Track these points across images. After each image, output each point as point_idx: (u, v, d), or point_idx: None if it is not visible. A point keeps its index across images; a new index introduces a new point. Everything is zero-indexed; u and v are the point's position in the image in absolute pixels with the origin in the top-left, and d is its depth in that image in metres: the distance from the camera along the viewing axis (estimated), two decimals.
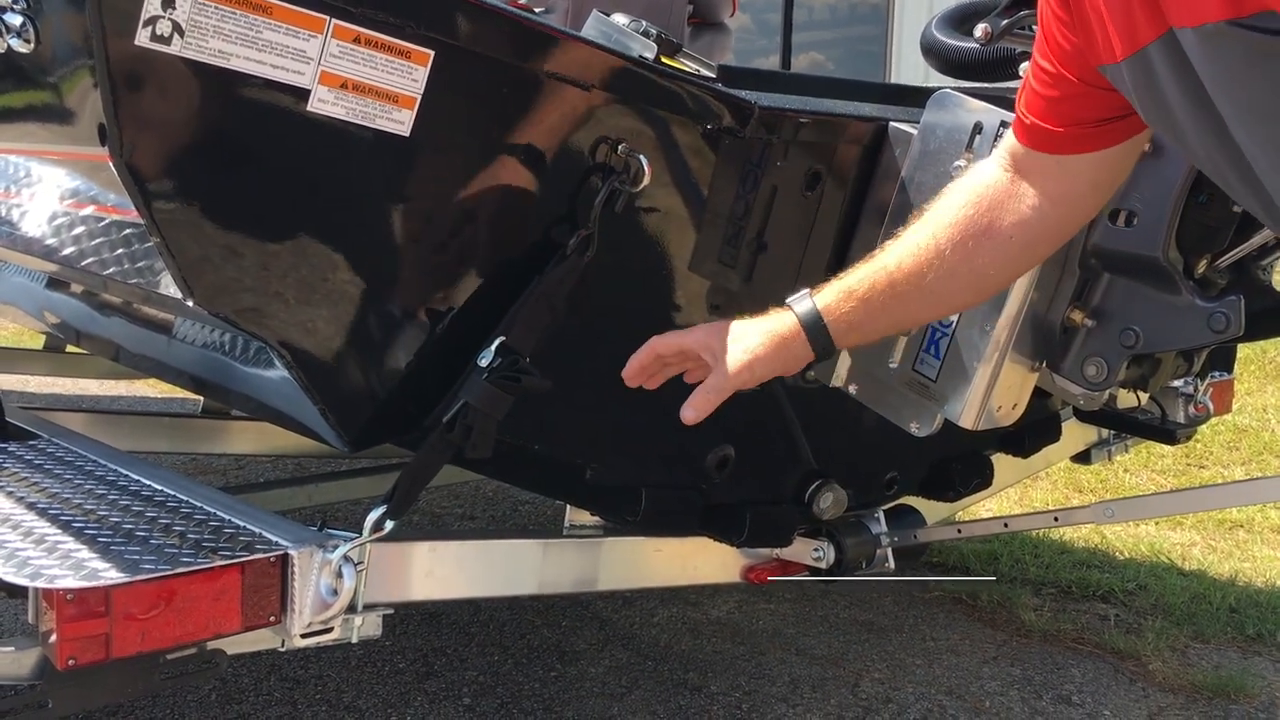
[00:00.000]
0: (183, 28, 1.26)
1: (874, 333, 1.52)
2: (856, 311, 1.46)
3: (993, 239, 1.38)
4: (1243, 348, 4.76)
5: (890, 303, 1.45)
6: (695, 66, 1.81)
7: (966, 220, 1.40)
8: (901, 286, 1.43)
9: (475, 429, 1.56)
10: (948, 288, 1.43)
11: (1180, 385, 2.52)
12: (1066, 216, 1.40)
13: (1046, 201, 1.36)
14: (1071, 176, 1.34)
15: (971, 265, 1.40)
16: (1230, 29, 1.03)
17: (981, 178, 1.42)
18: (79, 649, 1.39)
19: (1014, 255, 1.41)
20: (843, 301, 1.46)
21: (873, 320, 1.48)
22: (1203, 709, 2.78)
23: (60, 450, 2.05)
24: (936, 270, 1.41)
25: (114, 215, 1.62)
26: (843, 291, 1.47)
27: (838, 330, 1.47)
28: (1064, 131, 1.31)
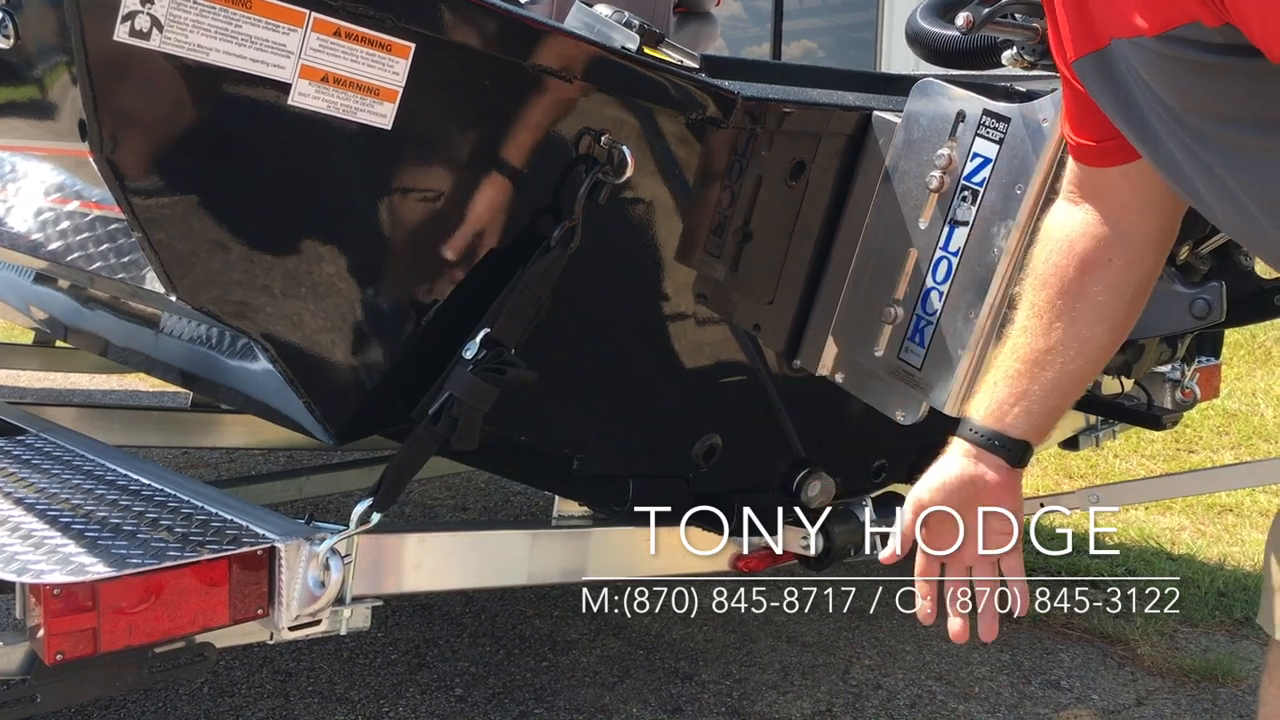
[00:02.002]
0: (162, 22, 1.26)
1: (1056, 413, 1.40)
2: (1026, 406, 1.37)
3: (1097, 273, 1.32)
4: (1232, 332, 4.78)
5: (1049, 380, 1.36)
6: (678, 57, 1.81)
7: (1068, 267, 1.33)
8: (1047, 361, 1.35)
9: (461, 421, 1.56)
10: (1091, 336, 1.34)
11: (1167, 371, 2.54)
12: (1149, 220, 1.32)
13: (1120, 216, 1.30)
14: (1129, 184, 1.29)
15: (1098, 305, 1.33)
16: (1160, 44, 1.05)
17: (1059, 219, 1.36)
18: (67, 644, 1.40)
19: (1126, 276, 1.33)
20: (1005, 410, 1.38)
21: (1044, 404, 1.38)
22: (1190, 692, 2.80)
23: (48, 445, 2.06)
24: (1072, 328, 1.34)
25: (98, 211, 1.62)
26: (996, 403, 1.38)
27: (1028, 436, 1.38)
28: (1096, 145, 1.29)
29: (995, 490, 1.38)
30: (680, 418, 2.00)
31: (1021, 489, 1.42)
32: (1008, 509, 1.39)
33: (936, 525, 1.40)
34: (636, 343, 1.91)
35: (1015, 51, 1.91)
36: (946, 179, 1.76)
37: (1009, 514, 1.39)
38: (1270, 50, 0.98)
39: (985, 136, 1.73)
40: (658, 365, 1.94)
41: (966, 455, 1.38)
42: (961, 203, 1.75)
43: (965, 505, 1.39)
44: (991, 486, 1.38)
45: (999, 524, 1.39)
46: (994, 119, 1.73)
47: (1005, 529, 1.39)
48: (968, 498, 1.39)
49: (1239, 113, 1.08)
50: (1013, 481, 1.39)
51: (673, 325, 1.91)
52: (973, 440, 1.38)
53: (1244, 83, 1.04)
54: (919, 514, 1.40)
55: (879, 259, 1.86)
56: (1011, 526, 1.39)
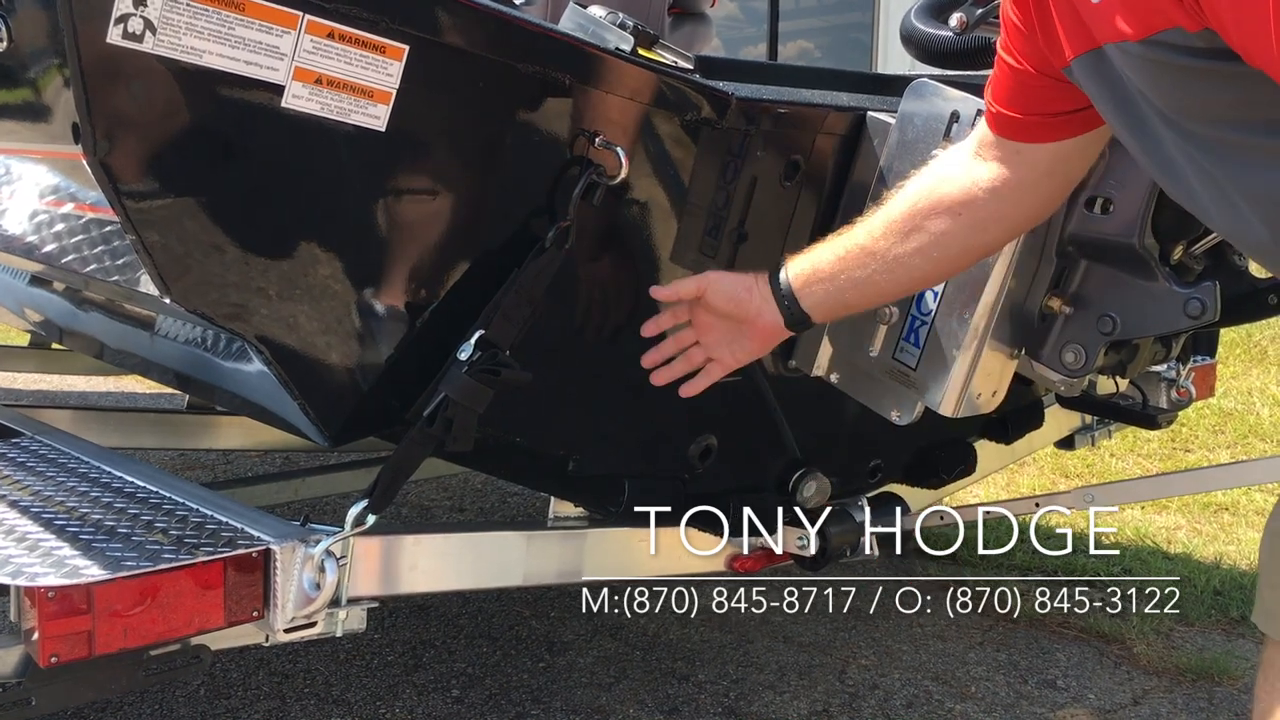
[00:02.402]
0: (155, 25, 1.26)
1: (845, 307, 1.64)
2: (837, 299, 1.59)
3: (943, 215, 1.46)
4: (1227, 331, 4.79)
5: (858, 278, 1.54)
6: (673, 58, 1.81)
7: (923, 196, 1.48)
8: (867, 261, 1.53)
9: (456, 422, 1.56)
10: (907, 263, 1.50)
11: (1162, 370, 2.53)
12: (1019, 203, 1.44)
13: (1000, 185, 1.41)
14: (1028, 165, 1.39)
15: (926, 241, 1.48)
16: (1144, 49, 1.06)
17: (945, 159, 1.50)
18: (62, 646, 1.40)
19: (964, 234, 1.47)
20: (813, 280, 1.59)
21: (850, 304, 1.61)
22: (1186, 691, 2.80)
23: (42, 448, 2.05)
24: (897, 245, 1.50)
25: (93, 213, 1.62)
26: (824, 279, 1.58)
27: (811, 308, 1.61)
28: (1024, 119, 1.35)
29: (759, 330, 1.66)
30: (676, 418, 2.00)
31: (775, 343, 1.71)
32: (755, 349, 1.70)
33: (705, 305, 1.69)
34: (631, 343, 1.91)
35: None
36: None
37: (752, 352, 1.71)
38: (1247, 53, 1.00)
39: None
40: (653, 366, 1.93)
41: (764, 297, 1.64)
42: None
43: (732, 316, 1.67)
44: (758, 325, 1.65)
45: (738, 350, 1.70)
46: None
47: (738, 357, 1.71)
48: (737, 315, 1.66)
49: (1224, 115, 1.09)
50: (776, 335, 1.66)
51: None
52: (773, 286, 1.63)
53: (1227, 86, 1.06)
54: (701, 291, 1.68)
55: None
56: (744, 360, 1.72)
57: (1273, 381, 5.92)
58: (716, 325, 1.70)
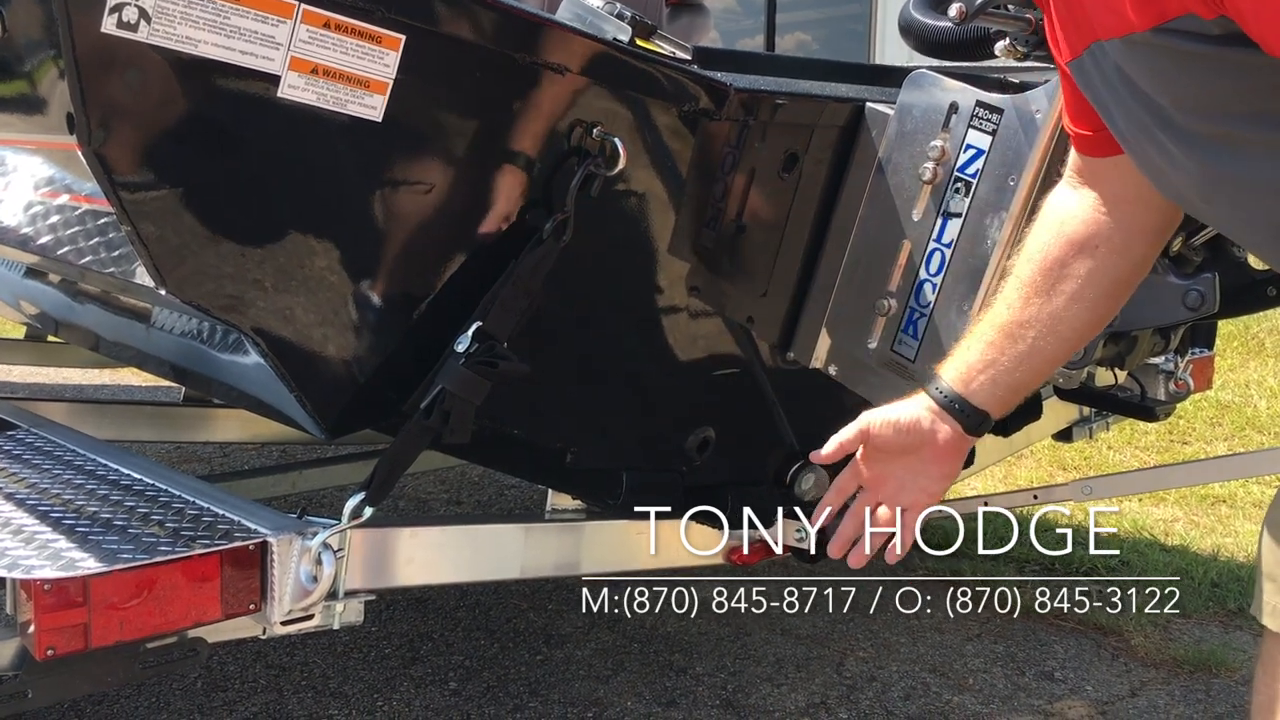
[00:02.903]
0: (149, 14, 1.25)
1: (1017, 389, 1.42)
2: (992, 376, 1.40)
3: (1080, 255, 1.33)
4: (1225, 323, 4.79)
5: (1021, 353, 1.38)
6: (671, 49, 1.80)
7: (1051, 246, 1.35)
8: (1021, 333, 1.37)
9: (453, 415, 1.56)
10: (1065, 316, 1.35)
11: (1160, 362, 2.53)
12: (1145, 214, 1.32)
13: (1117, 202, 1.31)
14: (1129, 177, 1.28)
15: (1075, 287, 1.34)
16: (1155, 37, 1.04)
17: (1053, 203, 1.37)
18: (58, 639, 1.40)
19: (1108, 265, 1.33)
20: (973, 375, 1.40)
21: (1010, 378, 1.40)
22: (1184, 683, 2.81)
23: (39, 440, 2.05)
24: (1047, 305, 1.35)
25: (88, 204, 1.61)
26: (967, 366, 1.40)
27: (985, 402, 1.40)
28: (1095, 135, 1.29)
29: (941, 450, 1.41)
30: (674, 411, 1.99)
31: (963, 459, 1.45)
32: (943, 473, 1.44)
33: (872, 455, 1.45)
34: (629, 335, 1.90)
35: (1008, 42, 1.91)
36: (940, 170, 1.76)
37: (941, 478, 1.44)
38: (1266, 42, 0.98)
39: (978, 128, 1.73)
40: (651, 358, 1.93)
41: (927, 409, 1.41)
42: (955, 194, 1.75)
43: (906, 450, 1.43)
44: (939, 445, 1.41)
45: (926, 483, 1.44)
46: (987, 110, 1.72)
47: (930, 490, 1.44)
48: (911, 445, 1.42)
49: (1231, 107, 1.07)
50: (960, 448, 1.42)
51: (666, 318, 1.91)
52: (935, 398, 1.40)
53: (1239, 75, 1.04)
54: (865, 437, 1.44)
55: (872, 251, 1.86)
56: (938, 491, 1.45)
57: (1270, 374, 5.92)
58: (890, 473, 1.46)
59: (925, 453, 1.42)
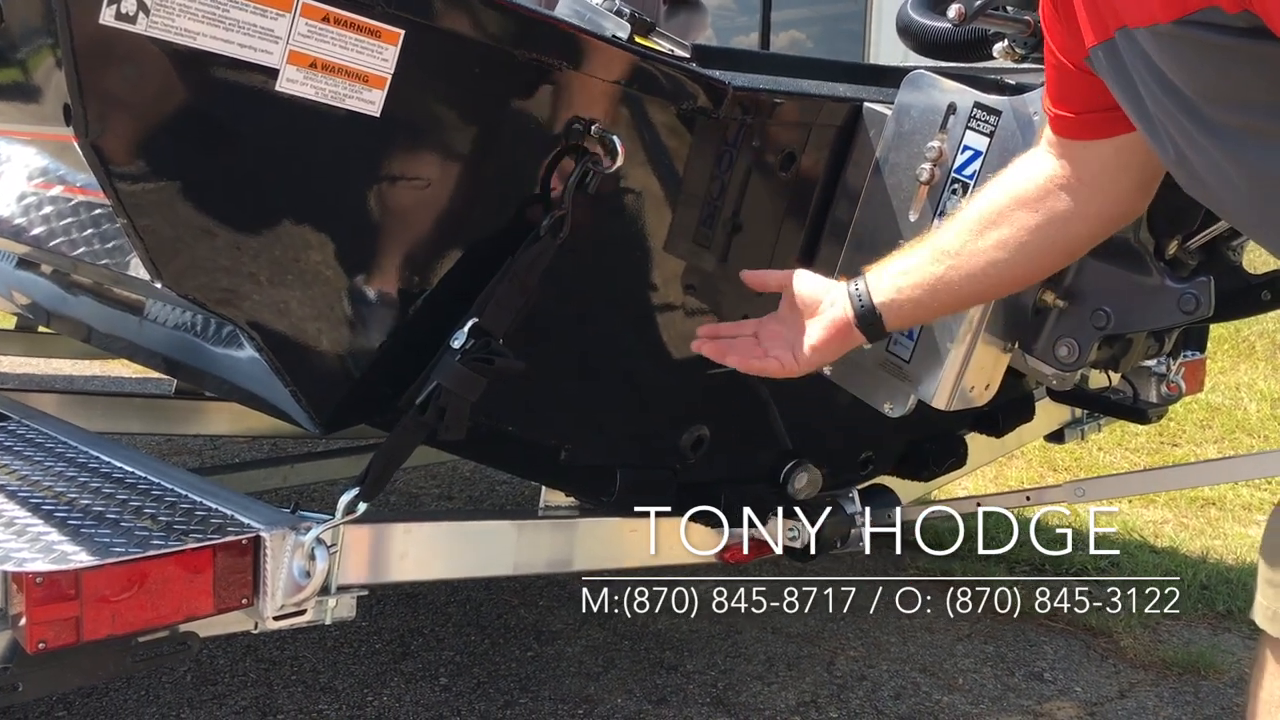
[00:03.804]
0: (148, 6, 1.25)
1: (925, 316, 1.58)
2: (909, 296, 1.51)
3: (1021, 209, 1.40)
4: (1216, 327, 4.80)
5: (933, 275, 1.48)
6: (669, 46, 1.80)
7: (1001, 193, 1.43)
8: (941, 258, 1.46)
9: (448, 411, 1.55)
10: (985, 258, 1.44)
11: (1153, 365, 2.54)
12: (1097, 199, 1.38)
13: (1073, 181, 1.36)
14: (1096, 162, 1.34)
15: (1005, 234, 1.42)
16: (1177, 29, 1.04)
17: (1026, 160, 1.44)
18: (49, 632, 1.39)
19: (1044, 229, 1.40)
20: (887, 277, 1.52)
21: (924, 304, 1.52)
22: (1173, 685, 2.82)
23: (30, 432, 2.04)
24: (973, 241, 1.43)
25: (82, 196, 1.60)
26: (897, 275, 1.51)
27: (890, 317, 1.52)
28: (1076, 117, 1.32)
29: (826, 322, 1.57)
30: (668, 409, 1.99)
31: (840, 347, 1.60)
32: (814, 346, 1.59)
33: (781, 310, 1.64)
34: (625, 333, 1.90)
35: (1006, 44, 1.91)
36: (937, 171, 1.76)
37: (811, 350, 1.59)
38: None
39: (976, 129, 1.73)
40: (646, 356, 1.93)
41: (841, 291, 1.56)
42: (952, 195, 1.75)
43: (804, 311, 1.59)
44: (829, 318, 1.57)
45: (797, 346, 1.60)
46: (985, 112, 1.72)
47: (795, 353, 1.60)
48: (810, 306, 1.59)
49: (1256, 98, 1.07)
50: (842, 332, 1.56)
51: (661, 316, 1.91)
52: (850, 287, 1.55)
53: (1262, 67, 1.04)
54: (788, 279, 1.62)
55: (869, 250, 1.85)
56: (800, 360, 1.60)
57: (1260, 377, 5.94)
58: (788, 322, 1.63)
59: (818, 320, 1.58)
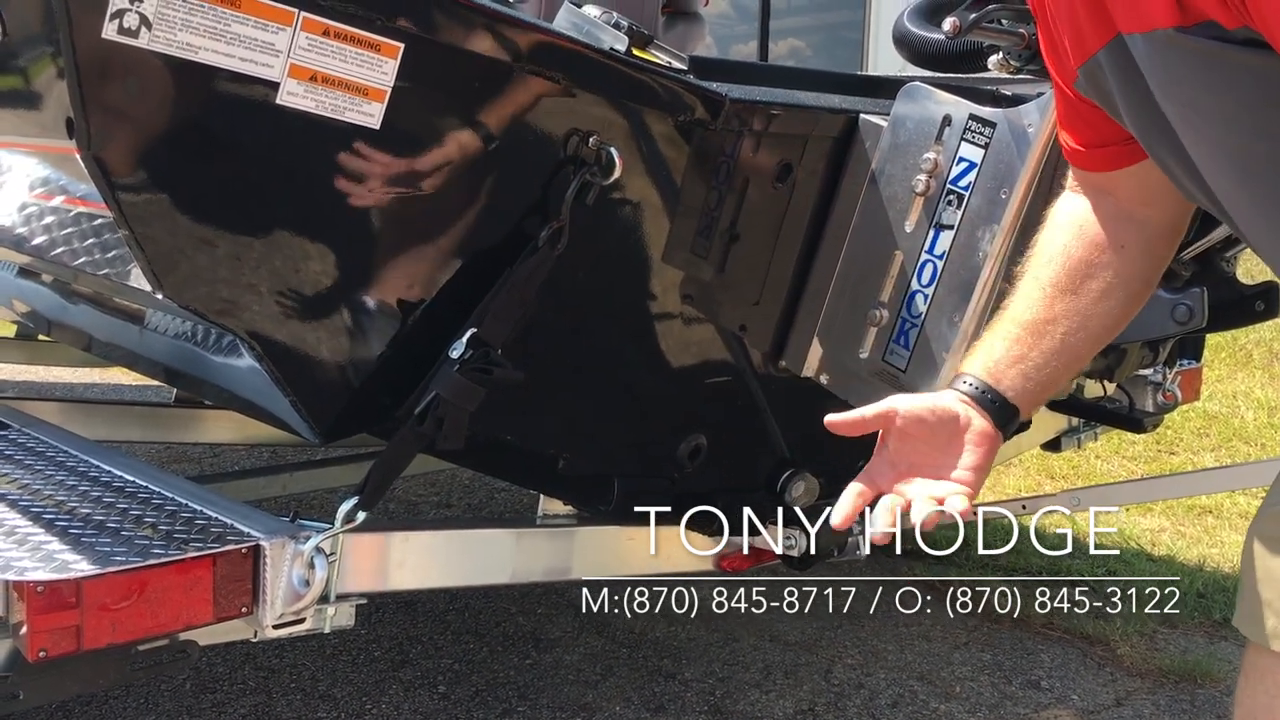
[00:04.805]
0: (150, 20, 1.26)
1: (1046, 385, 1.37)
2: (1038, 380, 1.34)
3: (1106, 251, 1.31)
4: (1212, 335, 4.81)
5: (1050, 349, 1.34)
6: (667, 59, 1.81)
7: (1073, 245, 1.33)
8: (1048, 329, 1.33)
9: (446, 421, 1.56)
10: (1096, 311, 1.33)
11: (1149, 374, 2.55)
12: (1155, 217, 1.32)
13: (1129, 207, 1.31)
14: (1126, 192, 1.30)
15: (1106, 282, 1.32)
16: (1177, 36, 1.04)
17: (1063, 206, 1.36)
18: (50, 641, 1.39)
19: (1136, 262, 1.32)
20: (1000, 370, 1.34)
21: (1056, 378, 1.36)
22: (1169, 693, 2.82)
23: (31, 440, 2.04)
24: (1076, 301, 1.32)
25: (83, 207, 1.61)
26: (1010, 364, 1.34)
27: (1025, 408, 1.35)
28: (1088, 152, 1.29)
29: (973, 440, 1.31)
30: (666, 418, 2.00)
31: (994, 456, 1.34)
32: (976, 465, 1.31)
33: (896, 446, 1.32)
34: (623, 343, 1.91)
35: (1001, 56, 1.92)
36: (932, 183, 1.77)
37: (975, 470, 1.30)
38: None
39: (971, 141, 1.74)
40: (644, 365, 1.94)
41: (957, 399, 1.32)
42: (947, 206, 1.76)
43: (933, 442, 1.31)
44: (970, 436, 1.31)
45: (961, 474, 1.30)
46: (980, 124, 1.74)
47: (968, 481, 1.30)
48: (939, 435, 1.30)
49: (1250, 109, 1.06)
50: (992, 440, 1.32)
51: (659, 325, 1.92)
52: (965, 390, 1.32)
53: (1260, 81, 1.03)
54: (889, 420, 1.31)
55: (864, 261, 1.87)
56: (975, 483, 1.30)
57: (1257, 385, 5.96)
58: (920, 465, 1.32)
59: (954, 446, 1.30)
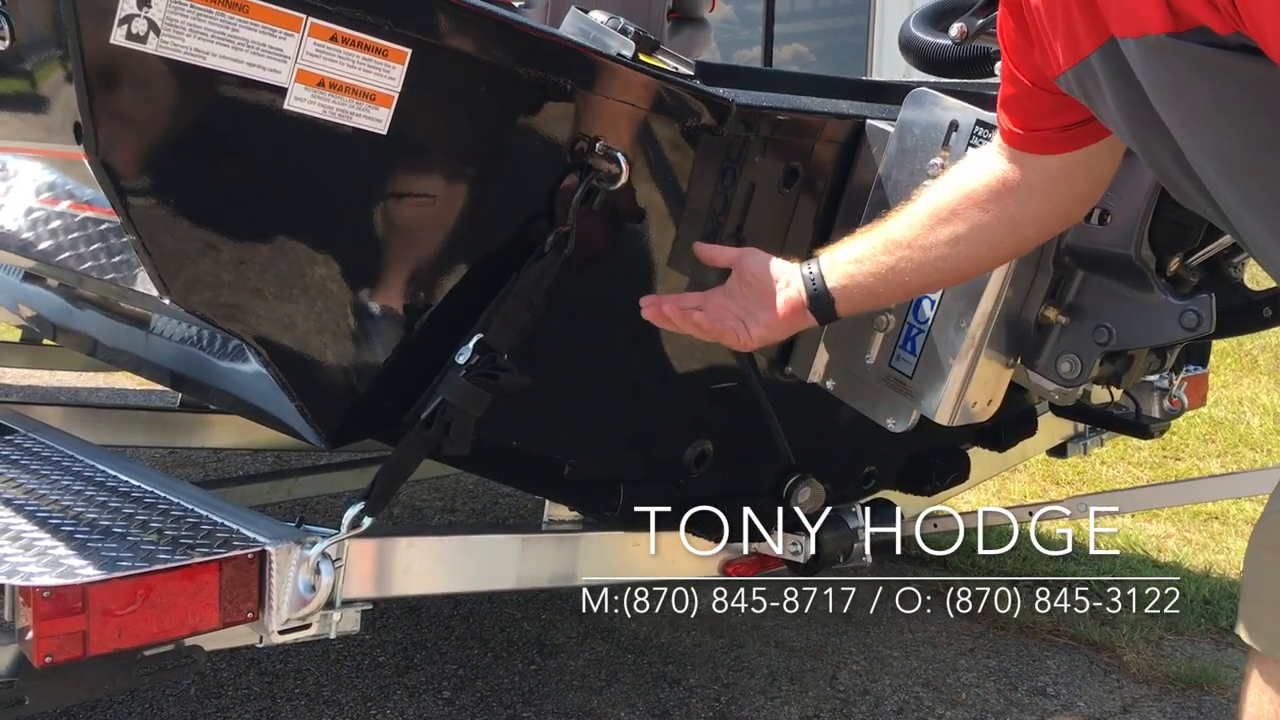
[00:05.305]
0: (159, 26, 1.26)
1: (875, 303, 1.62)
2: (860, 283, 1.53)
3: (974, 208, 1.43)
4: (1219, 341, 4.80)
5: (884, 264, 1.50)
6: (673, 64, 1.81)
7: (954, 190, 1.45)
8: (894, 249, 1.49)
9: (453, 426, 1.57)
10: (935, 254, 1.47)
11: (1155, 380, 2.54)
12: (1045, 204, 1.41)
13: (1023, 186, 1.39)
14: (1044, 172, 1.37)
15: (957, 231, 1.44)
16: (1170, 41, 1.04)
17: (974, 157, 1.48)
18: (56, 646, 1.40)
19: (994, 229, 1.43)
20: (840, 263, 1.54)
21: (875, 292, 1.55)
22: (1176, 700, 2.81)
23: (37, 445, 2.05)
24: (925, 235, 1.46)
25: (89, 211, 1.61)
26: (849, 262, 1.53)
27: (842, 302, 1.54)
28: (1026, 134, 1.34)
29: (781, 303, 1.56)
30: (672, 423, 2.00)
31: (792, 327, 1.60)
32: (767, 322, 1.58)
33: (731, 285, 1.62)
34: (629, 348, 1.91)
35: None
36: None
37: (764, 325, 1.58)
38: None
39: (978, 147, 1.74)
40: (650, 371, 1.94)
41: (794, 272, 1.56)
42: None
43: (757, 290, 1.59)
44: (782, 299, 1.56)
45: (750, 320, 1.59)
46: (987, 129, 1.74)
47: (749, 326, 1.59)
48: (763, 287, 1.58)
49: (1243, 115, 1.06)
50: (797, 312, 1.56)
51: (665, 331, 1.91)
52: (804, 269, 1.56)
53: (1250, 87, 1.03)
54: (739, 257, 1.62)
55: None
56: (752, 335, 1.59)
57: (1263, 391, 5.94)
58: (737, 297, 1.62)
59: (770, 298, 1.57)
